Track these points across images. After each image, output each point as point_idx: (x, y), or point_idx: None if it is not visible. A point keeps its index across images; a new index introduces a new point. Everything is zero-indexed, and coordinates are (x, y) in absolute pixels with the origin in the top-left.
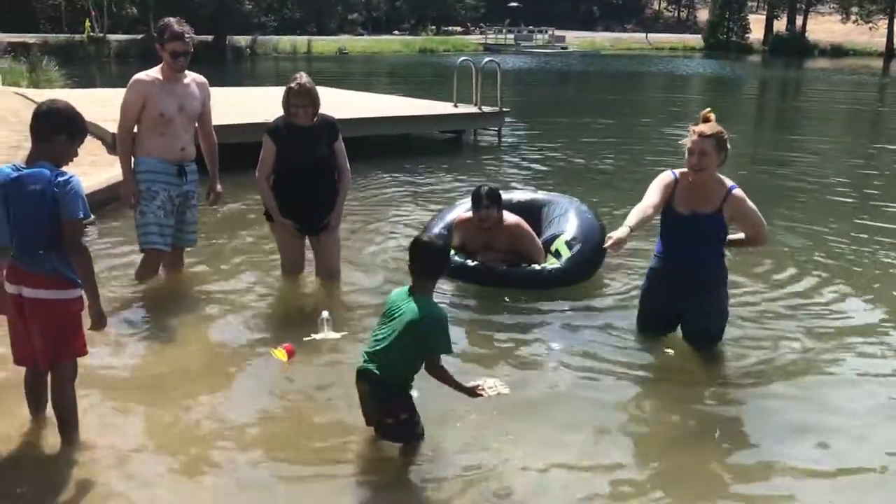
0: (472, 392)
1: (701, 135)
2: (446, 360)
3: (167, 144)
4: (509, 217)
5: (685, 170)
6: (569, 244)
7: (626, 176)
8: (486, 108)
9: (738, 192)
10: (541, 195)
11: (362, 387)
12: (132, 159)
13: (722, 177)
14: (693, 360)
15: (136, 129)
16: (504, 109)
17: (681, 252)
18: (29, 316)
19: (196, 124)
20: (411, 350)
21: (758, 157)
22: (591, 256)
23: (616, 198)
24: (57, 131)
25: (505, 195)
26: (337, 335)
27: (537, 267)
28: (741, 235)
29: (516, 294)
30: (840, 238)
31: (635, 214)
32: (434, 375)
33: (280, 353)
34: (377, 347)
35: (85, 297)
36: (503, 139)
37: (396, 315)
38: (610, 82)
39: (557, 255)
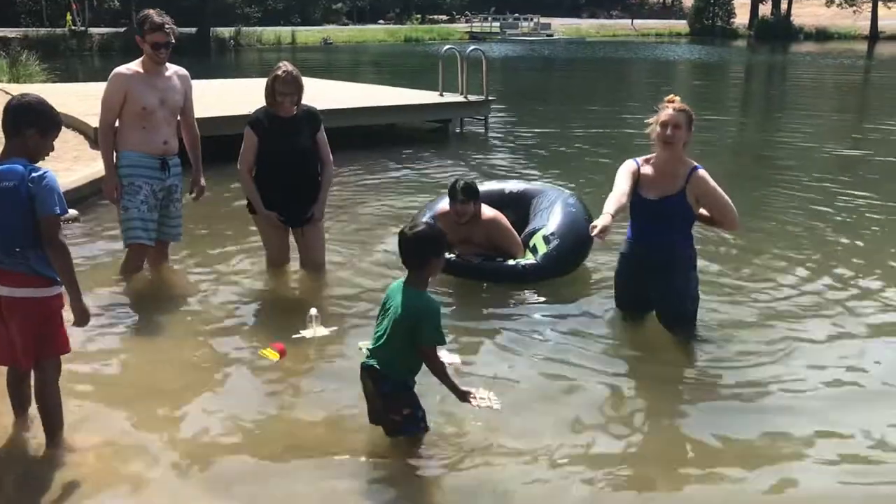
0: (463, 395)
1: (676, 109)
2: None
3: (149, 138)
4: (487, 211)
5: (647, 156)
6: (546, 239)
7: (613, 163)
8: (472, 97)
9: (701, 172)
10: (532, 186)
11: (366, 383)
12: (114, 154)
13: (687, 158)
14: (669, 343)
15: (117, 124)
16: (490, 98)
17: (647, 235)
18: (7, 315)
19: (178, 117)
20: (405, 343)
21: (743, 141)
22: (568, 253)
23: (603, 185)
24: (27, 126)
25: (497, 185)
26: (326, 331)
27: (512, 262)
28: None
29: (495, 287)
30: (824, 222)
31: (611, 200)
32: (429, 367)
33: (271, 354)
34: (377, 343)
35: (66, 293)
36: (490, 128)
37: (390, 308)
38: (596, 69)
39: (535, 250)
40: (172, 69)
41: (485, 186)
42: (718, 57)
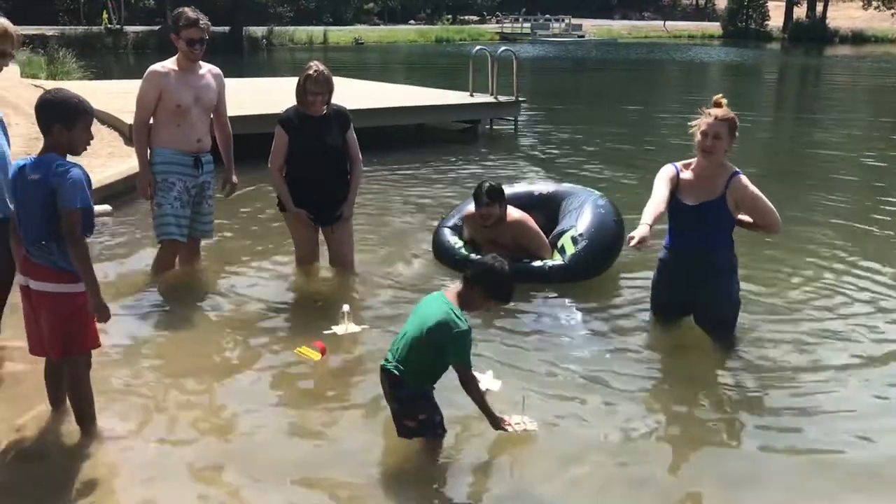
0: (497, 423)
1: (717, 118)
2: None
3: (183, 135)
4: (514, 213)
5: (686, 161)
6: (574, 240)
7: (645, 165)
8: (502, 98)
9: (741, 177)
10: (562, 187)
11: (383, 385)
12: (148, 151)
13: (727, 163)
14: (708, 348)
15: (152, 121)
16: (520, 98)
17: (687, 241)
18: (35, 308)
19: (211, 115)
20: (426, 353)
21: (778, 141)
22: (596, 254)
23: (635, 188)
24: (52, 122)
25: (526, 186)
26: (357, 328)
27: (538, 262)
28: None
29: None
30: (863, 223)
31: (649, 209)
32: (464, 387)
33: (311, 353)
34: (398, 346)
35: None
36: (519, 129)
37: (418, 313)
38: (627, 70)
39: (562, 250)
40: (206, 67)
41: (514, 188)
42: (752, 59)
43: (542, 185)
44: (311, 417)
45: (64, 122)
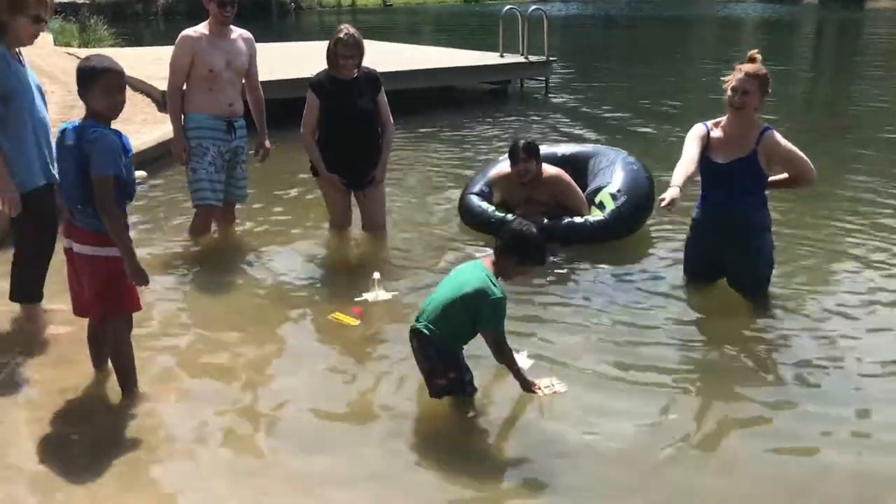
0: (528, 386)
1: (747, 74)
2: None
3: (216, 100)
4: (549, 169)
5: (717, 119)
6: (614, 196)
7: (678, 124)
8: (532, 58)
9: (771, 132)
10: (587, 147)
11: (412, 343)
12: (182, 116)
13: (758, 119)
14: (743, 311)
15: (185, 86)
16: (551, 58)
17: (720, 199)
18: (78, 270)
19: (243, 80)
20: (460, 318)
21: (815, 98)
22: (635, 208)
23: (669, 147)
24: (83, 88)
25: (549, 148)
26: (388, 295)
27: (580, 219)
28: (784, 175)
29: (560, 247)
30: None
31: (679, 171)
32: (494, 354)
33: (348, 319)
34: (428, 306)
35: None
36: (551, 89)
37: (455, 278)
38: (660, 28)
39: (601, 206)
40: (237, 32)
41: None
42: (788, 15)
43: (566, 147)
44: (344, 381)
45: (98, 85)
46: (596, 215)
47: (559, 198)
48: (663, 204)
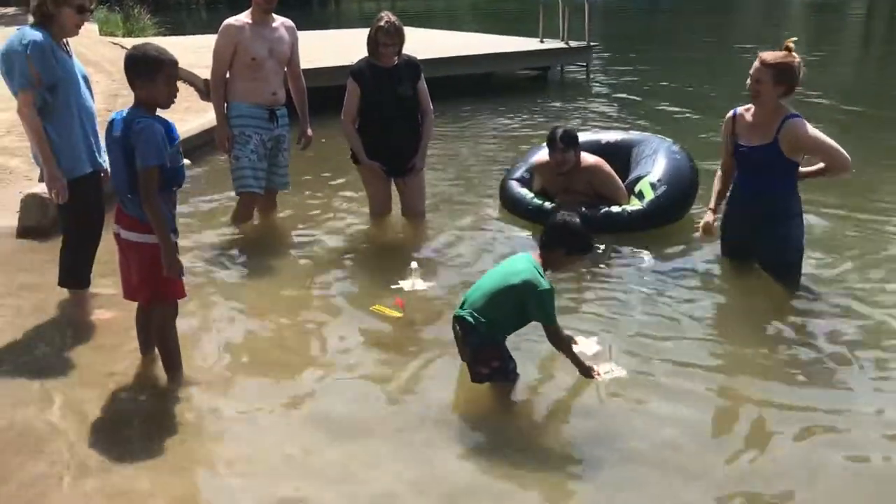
0: (587, 371)
1: (763, 63)
2: None
3: (258, 89)
4: (588, 158)
5: (747, 105)
6: (653, 185)
7: (720, 110)
8: (573, 43)
9: (794, 120)
10: (632, 135)
11: (455, 330)
12: (225, 104)
13: (785, 105)
14: (771, 293)
15: (228, 75)
16: (592, 44)
17: (745, 183)
18: (125, 255)
19: (285, 68)
20: (507, 308)
21: (861, 83)
22: (675, 198)
23: (711, 133)
24: (133, 78)
25: (594, 135)
26: (424, 286)
27: (617, 209)
28: (819, 165)
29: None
30: None
31: (714, 188)
32: (551, 343)
33: (391, 311)
34: (473, 294)
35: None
36: (592, 75)
37: (503, 268)
38: (704, 10)
39: (640, 196)
40: (279, 20)
41: (581, 137)
42: None
43: (610, 134)
44: (383, 369)
45: (145, 75)
46: (634, 205)
47: (597, 187)
48: (696, 234)
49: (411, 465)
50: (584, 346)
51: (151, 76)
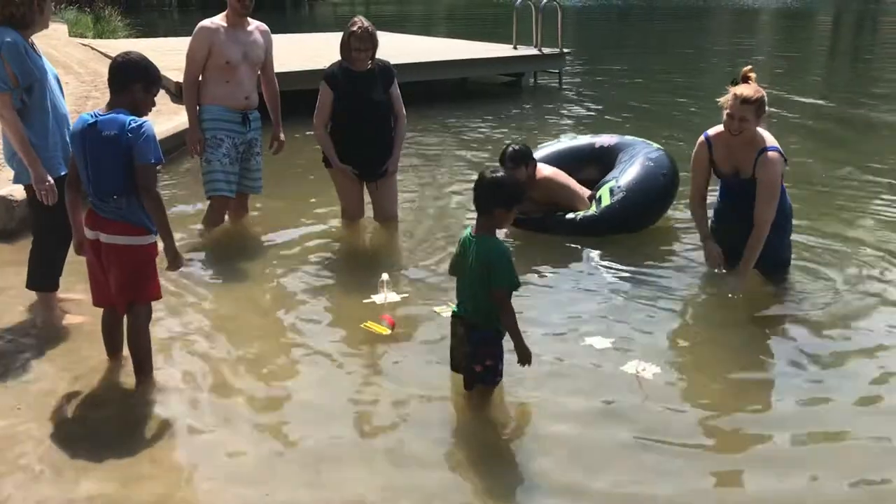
0: (525, 356)
1: (745, 101)
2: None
3: (232, 92)
4: (543, 170)
5: (718, 128)
6: (612, 191)
7: (693, 118)
8: (546, 50)
9: (769, 155)
10: (624, 139)
11: (458, 331)
12: (197, 108)
13: (762, 133)
14: (762, 292)
15: (201, 78)
16: (565, 51)
17: (728, 201)
18: (105, 260)
19: (259, 72)
20: (486, 292)
21: (827, 104)
22: (633, 207)
23: (681, 141)
24: (133, 81)
25: (590, 139)
26: (397, 297)
27: (571, 215)
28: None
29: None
30: None
31: (696, 220)
32: (500, 314)
33: (380, 328)
34: (465, 294)
35: (160, 242)
36: (564, 82)
37: (469, 258)
38: (674, 19)
39: (599, 202)
40: (254, 24)
41: (578, 141)
42: (803, 5)
43: (605, 138)
44: (355, 375)
45: (144, 83)
46: (588, 211)
47: (552, 197)
48: (714, 269)
49: (383, 471)
50: (596, 342)
51: (150, 86)
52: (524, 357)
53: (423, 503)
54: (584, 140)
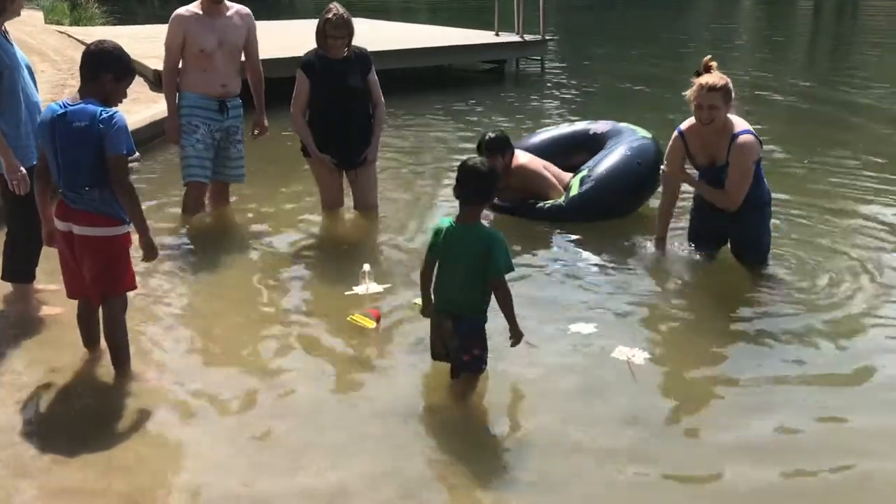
0: (518, 336)
1: (711, 88)
2: None
3: (208, 80)
4: (520, 158)
5: (690, 121)
6: (582, 180)
7: (675, 105)
8: (528, 37)
9: (742, 139)
10: (617, 126)
11: (444, 324)
12: (177, 95)
13: (733, 119)
14: (741, 277)
15: (180, 65)
16: (547, 37)
17: (711, 184)
18: (78, 252)
19: (243, 57)
20: (483, 279)
21: (807, 89)
22: (601, 196)
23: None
24: (105, 71)
25: (586, 125)
26: (379, 288)
27: (540, 203)
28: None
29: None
30: None
31: (659, 217)
32: (498, 298)
33: (365, 321)
34: (453, 287)
35: (134, 231)
36: (546, 68)
37: (461, 249)
38: (657, 6)
39: (569, 190)
40: (234, 8)
41: (574, 127)
42: None
43: (601, 125)
44: (337, 364)
45: (116, 73)
46: (557, 200)
47: (527, 185)
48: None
49: (366, 459)
50: (582, 328)
51: (121, 77)
52: (518, 337)
53: (406, 490)
54: (579, 126)
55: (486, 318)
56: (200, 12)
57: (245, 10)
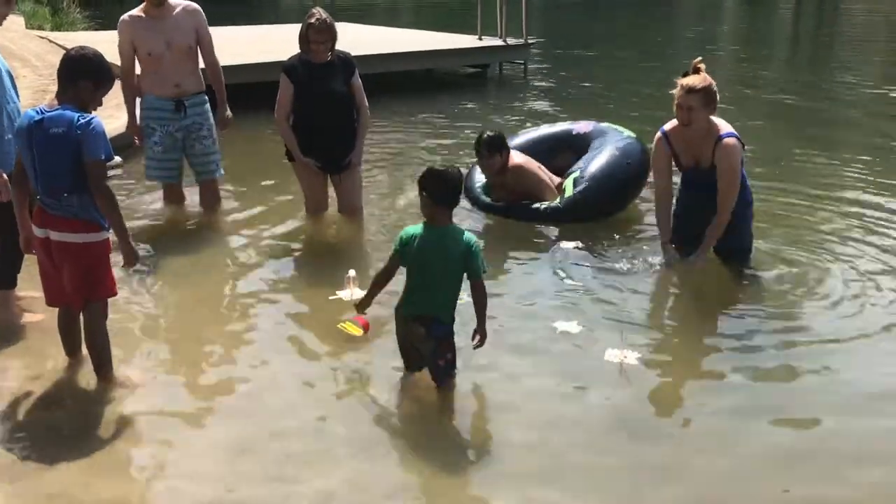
0: (485, 334)
1: (690, 90)
2: None
3: (161, 81)
4: (515, 158)
5: (673, 122)
6: (575, 182)
7: (659, 109)
8: (511, 41)
9: (726, 142)
10: (600, 126)
11: (416, 331)
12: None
13: (716, 122)
14: (725, 278)
15: (139, 70)
16: (530, 41)
17: (691, 190)
18: (58, 258)
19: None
20: (459, 283)
21: (788, 88)
22: (596, 196)
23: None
24: (83, 77)
25: (569, 125)
26: (363, 293)
27: (537, 204)
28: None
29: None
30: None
31: (659, 222)
32: (477, 300)
33: (353, 328)
34: (428, 291)
35: (113, 237)
36: (529, 72)
37: (440, 252)
38: (640, 8)
39: (563, 192)
40: (181, 6)
41: (555, 127)
42: None
43: (582, 125)
44: (319, 370)
45: (94, 80)
46: (553, 202)
47: (522, 186)
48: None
49: (348, 465)
50: (569, 327)
51: (101, 85)
52: (485, 337)
53: (390, 494)
54: (561, 127)
55: (454, 321)
56: (144, 15)
57: (193, 5)
